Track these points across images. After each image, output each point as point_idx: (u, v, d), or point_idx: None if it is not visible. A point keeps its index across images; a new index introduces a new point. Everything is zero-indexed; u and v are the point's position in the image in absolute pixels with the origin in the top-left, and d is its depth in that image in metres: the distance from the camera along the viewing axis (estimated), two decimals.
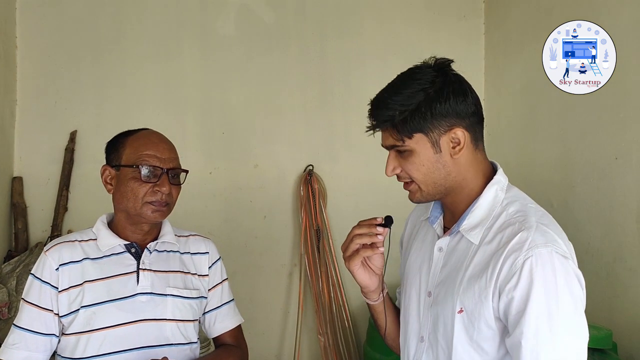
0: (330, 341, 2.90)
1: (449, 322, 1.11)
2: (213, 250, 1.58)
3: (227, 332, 1.58)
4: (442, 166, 1.12)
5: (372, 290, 1.27)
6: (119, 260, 1.42)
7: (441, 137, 1.10)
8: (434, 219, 1.24)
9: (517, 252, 1.02)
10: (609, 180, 2.22)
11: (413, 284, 1.24)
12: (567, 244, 1.07)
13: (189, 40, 2.97)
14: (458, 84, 1.11)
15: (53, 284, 1.37)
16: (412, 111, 1.09)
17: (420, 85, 1.09)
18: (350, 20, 3.13)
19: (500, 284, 1.03)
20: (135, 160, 1.39)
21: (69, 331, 1.36)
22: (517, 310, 1.01)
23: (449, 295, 1.12)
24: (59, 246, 1.41)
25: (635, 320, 2.07)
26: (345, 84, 3.10)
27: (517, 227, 1.05)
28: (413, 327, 1.23)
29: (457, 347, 1.10)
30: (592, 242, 2.29)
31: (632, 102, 2.09)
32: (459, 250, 1.14)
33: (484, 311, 1.06)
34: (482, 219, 1.12)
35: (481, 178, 1.15)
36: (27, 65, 2.81)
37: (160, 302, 1.41)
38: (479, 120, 1.15)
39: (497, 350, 1.07)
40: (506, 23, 3.03)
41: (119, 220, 1.46)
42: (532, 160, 2.73)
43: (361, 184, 3.07)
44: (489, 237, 1.09)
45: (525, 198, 1.15)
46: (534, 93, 2.73)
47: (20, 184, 2.77)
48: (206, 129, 2.99)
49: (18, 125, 2.79)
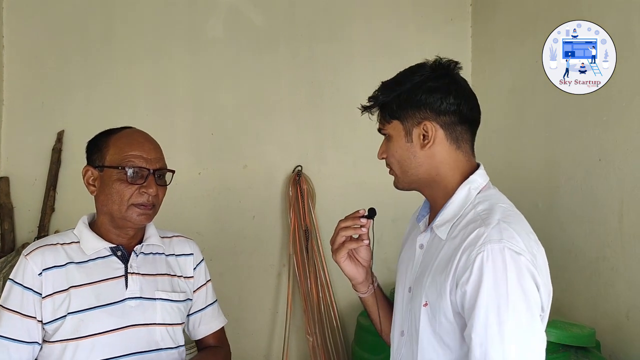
0: (319, 341, 2.91)
1: (417, 315, 1.15)
2: (197, 251, 1.55)
3: (212, 333, 1.55)
4: (412, 156, 1.17)
5: (360, 282, 1.31)
6: (105, 264, 1.37)
7: (413, 128, 1.17)
8: (420, 217, 1.27)
9: (472, 247, 1.05)
10: (592, 182, 2.26)
11: (400, 280, 1.28)
12: (530, 243, 1.07)
13: (178, 41, 2.96)
14: (445, 83, 1.16)
15: (36, 289, 1.31)
16: (393, 97, 1.17)
17: (410, 77, 1.17)
18: (339, 22, 3.15)
19: (457, 278, 1.06)
20: (121, 161, 1.34)
21: (54, 339, 1.30)
22: (469, 305, 1.03)
23: (418, 289, 1.16)
24: (41, 249, 1.35)
25: (618, 319, 2.11)
26: (334, 86, 3.12)
27: (478, 224, 1.08)
28: (397, 322, 1.26)
29: (423, 339, 1.13)
30: (576, 242, 2.33)
31: (615, 106, 2.14)
32: (432, 247, 1.18)
33: (443, 304, 1.09)
34: (452, 216, 1.15)
35: (458, 176, 1.18)
36: (14, 65, 2.79)
37: (149, 306, 1.38)
38: (462, 120, 1.17)
39: (458, 344, 1.09)
40: (493, 26, 3.06)
41: (102, 222, 1.40)
42: (518, 161, 2.77)
43: (349, 184, 3.09)
44: (455, 233, 1.13)
45: (498, 199, 1.17)
46: (520, 96, 2.77)
47: (7, 184, 2.75)
48: (195, 129, 2.99)
49: (5, 125, 2.77)
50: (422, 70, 1.17)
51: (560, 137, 2.47)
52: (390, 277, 1.46)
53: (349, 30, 3.16)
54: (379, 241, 1.36)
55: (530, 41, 2.65)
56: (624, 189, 2.11)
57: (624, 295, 2.09)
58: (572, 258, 2.34)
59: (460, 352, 1.09)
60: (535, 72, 2.51)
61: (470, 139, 1.20)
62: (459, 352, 1.10)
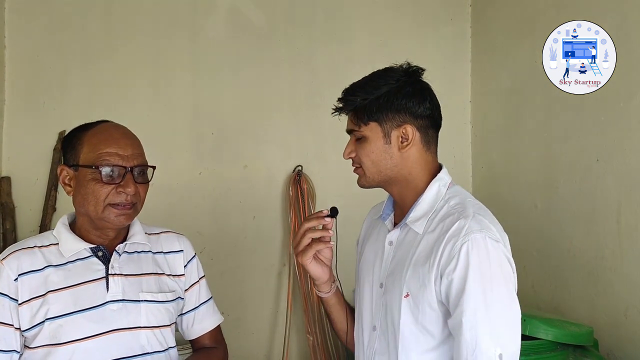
0: (319, 340, 2.93)
1: (396, 307, 1.19)
2: (188, 248, 1.47)
3: (206, 333, 1.48)
4: (389, 157, 1.23)
5: (324, 282, 1.34)
6: (85, 265, 1.29)
7: (392, 130, 1.23)
8: (385, 216, 1.34)
9: (456, 237, 1.13)
10: (590, 182, 2.28)
11: (366, 278, 1.32)
12: (500, 231, 1.17)
13: (178, 41, 2.97)
14: (419, 89, 1.24)
15: (12, 295, 1.24)
16: (371, 100, 1.22)
17: (385, 81, 1.23)
18: (338, 23, 3.16)
19: (441, 268, 1.13)
20: (95, 159, 1.26)
21: (33, 344, 1.24)
22: (456, 292, 1.11)
23: (396, 282, 1.21)
24: (17, 254, 1.27)
25: (616, 318, 2.13)
26: (334, 86, 3.07)
27: (456, 217, 1.17)
28: (366, 318, 1.30)
29: (404, 330, 1.18)
30: (574, 242, 2.34)
31: (612, 106, 2.15)
32: (406, 242, 1.24)
33: (427, 294, 1.15)
34: (426, 211, 1.23)
35: (427, 175, 1.25)
36: (15, 65, 2.79)
37: (133, 309, 1.30)
38: (432, 124, 1.26)
39: (441, 332, 1.16)
40: (492, 27, 3.07)
41: (82, 223, 1.33)
42: (516, 161, 2.79)
43: (349, 184, 3.04)
44: (432, 227, 1.20)
45: (465, 194, 1.26)
46: (519, 96, 2.78)
47: (9, 184, 2.76)
48: (196, 129, 3.00)
49: (6, 125, 2.78)
50: (396, 75, 1.23)
51: (559, 137, 2.48)
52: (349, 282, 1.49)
53: (349, 30, 3.16)
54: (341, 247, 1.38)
55: (530, 41, 2.66)
56: (622, 189, 2.12)
57: (622, 294, 2.11)
58: (570, 257, 2.35)
59: (441, 336, 1.16)
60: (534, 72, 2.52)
61: (436, 142, 1.29)
62: (440, 337, 1.17)
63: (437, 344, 1.16)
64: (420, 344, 1.17)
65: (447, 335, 1.16)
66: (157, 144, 1.49)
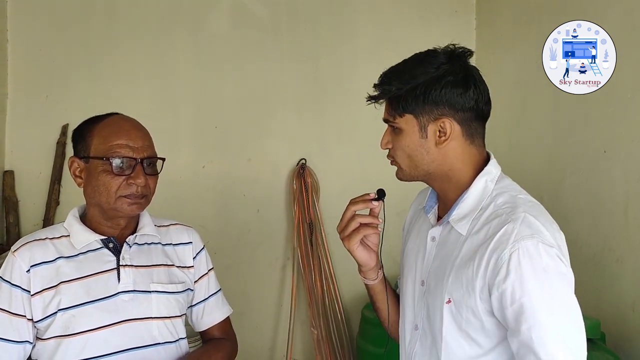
0: (323, 334, 2.92)
1: (438, 312, 1.12)
2: (196, 240, 1.48)
3: (216, 324, 1.49)
4: (425, 152, 1.13)
5: (371, 268, 1.26)
6: (96, 257, 1.31)
7: (429, 124, 1.11)
8: (428, 208, 1.24)
9: (503, 244, 1.02)
10: (597, 173, 2.26)
11: (409, 272, 1.25)
12: (555, 234, 1.07)
13: (182, 34, 2.96)
14: (462, 77, 1.11)
15: (24, 287, 1.26)
16: (407, 90, 1.10)
17: (425, 68, 1.11)
18: (342, 16, 3.14)
19: (488, 278, 1.04)
20: (106, 151, 1.28)
21: (45, 336, 1.26)
22: (512, 305, 1.01)
23: (438, 285, 1.13)
24: (28, 245, 1.29)
25: (623, 310, 2.11)
26: (338, 80, 3.11)
27: (504, 219, 1.06)
28: (408, 315, 1.23)
29: (447, 336, 1.11)
30: (580, 234, 2.32)
31: (620, 97, 2.13)
32: (450, 241, 1.15)
33: (471, 302, 1.07)
34: (470, 209, 1.12)
35: (471, 170, 1.14)
36: (18, 59, 2.79)
37: (144, 299, 1.31)
38: (477, 116, 1.14)
39: (489, 340, 1.08)
40: (498, 18, 3.05)
41: (93, 214, 1.34)
42: (523, 153, 2.77)
43: (353, 178, 3.08)
44: (477, 228, 1.09)
45: (515, 189, 1.15)
46: (525, 87, 2.76)
47: (12, 177, 2.76)
48: (199, 122, 2.99)
49: (9, 118, 2.77)
50: (436, 61, 1.11)
51: (565, 129, 2.46)
52: (396, 269, 1.45)
53: (353, 24, 3.14)
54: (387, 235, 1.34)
55: (535, 33, 2.63)
56: (629, 181, 2.10)
57: (630, 287, 2.09)
58: (576, 250, 2.33)
59: (488, 345, 1.09)
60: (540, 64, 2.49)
61: (482, 133, 1.17)
62: (487, 346, 1.09)
63: (484, 352, 1.09)
64: (465, 351, 1.10)
65: (495, 345, 1.08)
66: (161, 137, 1.48)
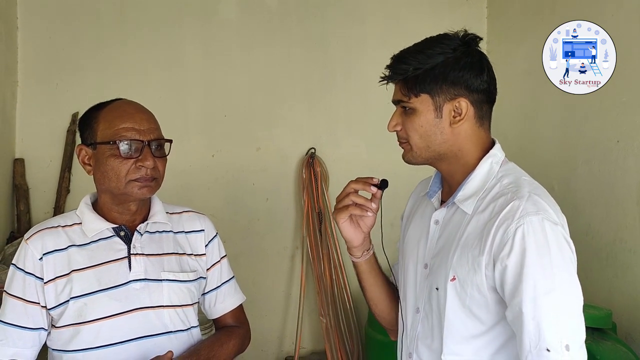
0: (332, 322, 2.93)
1: (442, 290, 1.14)
2: (209, 227, 1.47)
3: (229, 312, 1.49)
4: (439, 132, 1.14)
5: (356, 246, 1.29)
6: (108, 245, 1.32)
7: (445, 104, 1.13)
8: (432, 193, 1.26)
9: (509, 220, 1.05)
10: (610, 163, 2.23)
11: (411, 257, 1.27)
12: (558, 214, 1.09)
13: (191, 22, 2.95)
14: (478, 60, 1.15)
15: (37, 274, 1.27)
16: (425, 70, 1.12)
17: (441, 49, 1.13)
18: (352, 4, 3.11)
19: (494, 253, 1.06)
20: (112, 135, 1.27)
21: (60, 324, 1.28)
22: (513, 279, 1.03)
23: (442, 264, 1.15)
24: (40, 233, 1.30)
25: (634, 301, 2.10)
26: (347, 68, 3.10)
27: (510, 197, 1.08)
28: (410, 300, 1.25)
29: (449, 314, 1.13)
30: (592, 224, 2.31)
31: (634, 87, 2.10)
32: (454, 222, 1.17)
33: (477, 279, 1.08)
34: (476, 189, 1.14)
35: (479, 152, 1.17)
36: (28, 47, 2.79)
37: (155, 288, 1.32)
38: (488, 99, 1.17)
39: (489, 317, 1.10)
40: (509, 7, 3.02)
41: (104, 201, 1.34)
42: (534, 142, 2.74)
43: (362, 167, 3.05)
44: (482, 207, 1.12)
45: (519, 172, 1.17)
46: (536, 77, 2.73)
47: (22, 165, 2.77)
48: (208, 111, 2.99)
49: (19, 106, 2.79)
50: (453, 43, 1.13)
51: (577, 118, 2.43)
52: None
53: (363, 12, 3.12)
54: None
55: (547, 22, 2.60)
56: None
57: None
58: (588, 240, 2.32)
59: (490, 322, 1.11)
60: None
61: (490, 118, 1.20)
62: (489, 323, 1.11)
63: (486, 329, 1.11)
64: (468, 329, 1.12)
65: (497, 322, 1.10)
66: (170, 126, 1.47)
